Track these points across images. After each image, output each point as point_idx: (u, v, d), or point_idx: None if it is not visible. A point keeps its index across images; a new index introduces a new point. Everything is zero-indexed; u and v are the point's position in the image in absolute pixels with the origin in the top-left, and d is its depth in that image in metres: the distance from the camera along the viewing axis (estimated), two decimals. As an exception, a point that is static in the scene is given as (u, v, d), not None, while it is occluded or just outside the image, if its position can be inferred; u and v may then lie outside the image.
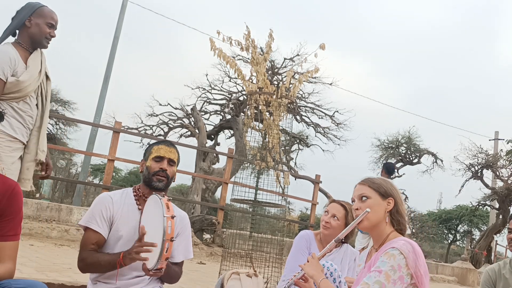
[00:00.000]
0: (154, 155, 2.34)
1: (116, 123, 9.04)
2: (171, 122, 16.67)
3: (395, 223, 2.03)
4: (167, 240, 1.98)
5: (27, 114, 2.75)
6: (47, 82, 2.89)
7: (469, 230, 27.01)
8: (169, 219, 2.01)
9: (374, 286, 1.82)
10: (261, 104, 4.33)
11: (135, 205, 2.34)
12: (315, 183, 11.55)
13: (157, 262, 2.00)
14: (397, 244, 1.88)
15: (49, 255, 4.84)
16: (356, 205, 2.04)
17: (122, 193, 2.38)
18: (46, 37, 2.79)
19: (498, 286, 3.00)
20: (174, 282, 2.43)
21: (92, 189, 16.87)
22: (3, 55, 2.65)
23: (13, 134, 2.69)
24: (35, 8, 2.77)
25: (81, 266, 2.23)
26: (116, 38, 13.32)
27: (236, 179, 4.57)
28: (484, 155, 16.32)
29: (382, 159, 20.13)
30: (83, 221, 2.28)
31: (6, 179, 1.87)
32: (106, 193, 2.36)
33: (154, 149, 2.37)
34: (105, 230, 2.27)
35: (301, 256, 2.90)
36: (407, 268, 1.83)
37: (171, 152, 2.36)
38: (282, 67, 15.92)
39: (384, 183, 2.07)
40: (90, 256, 2.20)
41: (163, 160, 2.33)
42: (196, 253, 7.60)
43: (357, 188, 2.09)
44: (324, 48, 4.42)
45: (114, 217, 2.29)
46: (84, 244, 2.26)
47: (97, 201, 2.32)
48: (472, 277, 12.08)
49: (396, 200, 2.03)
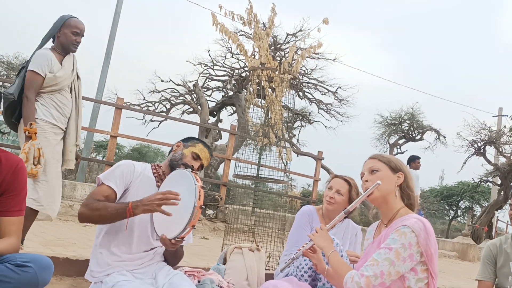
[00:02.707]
0: (195, 152, 2.42)
1: (118, 100, 9.00)
2: (173, 98, 16.58)
3: (405, 198, 2.03)
4: (197, 207, 2.00)
5: (64, 104, 3.35)
6: (78, 81, 3.48)
7: (470, 206, 27.14)
8: (200, 188, 2.05)
9: (384, 263, 1.81)
10: (264, 80, 4.30)
11: (153, 180, 2.37)
12: (317, 159, 11.56)
13: (184, 228, 1.99)
14: (409, 222, 1.86)
15: (53, 230, 4.90)
16: (366, 177, 2.04)
17: (142, 166, 2.42)
18: (72, 43, 3.38)
19: (499, 260, 3.03)
20: (176, 263, 2.47)
21: (96, 165, 16.94)
22: (43, 57, 3.27)
23: (54, 122, 3.29)
24: (64, 21, 3.36)
25: (83, 211, 2.13)
26: (117, 14, 13.15)
27: (239, 156, 4.57)
28: (487, 131, 16.25)
29: (384, 136, 20.10)
30: (102, 176, 2.27)
31: (10, 155, 1.88)
32: (129, 160, 2.41)
33: (198, 146, 2.46)
34: (120, 191, 2.27)
35: (303, 231, 2.93)
36: (417, 246, 1.82)
37: (207, 160, 2.47)
38: (285, 42, 15.74)
39: (393, 158, 2.08)
40: (96, 202, 2.14)
41: (198, 161, 2.43)
42: (200, 228, 7.68)
43: (367, 162, 2.09)
44: (327, 23, 4.36)
45: (131, 184, 2.31)
46: (94, 193, 2.21)
47: (120, 164, 2.34)
48: (473, 253, 12.19)
49: (406, 175, 2.03)
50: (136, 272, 2.27)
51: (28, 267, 1.71)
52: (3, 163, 1.84)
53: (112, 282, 2.14)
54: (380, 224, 2.11)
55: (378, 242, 1.97)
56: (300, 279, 2.56)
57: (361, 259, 2.09)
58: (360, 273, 1.83)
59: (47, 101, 3.28)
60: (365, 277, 1.81)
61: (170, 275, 2.24)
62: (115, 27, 13.08)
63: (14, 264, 1.70)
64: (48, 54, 3.31)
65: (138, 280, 2.21)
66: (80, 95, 3.50)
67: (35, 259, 1.75)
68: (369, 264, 1.84)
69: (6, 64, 18.97)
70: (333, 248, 2.04)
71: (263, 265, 3.18)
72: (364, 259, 2.04)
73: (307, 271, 2.56)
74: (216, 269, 2.92)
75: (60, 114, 3.32)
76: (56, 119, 3.30)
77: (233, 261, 3.04)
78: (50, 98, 3.29)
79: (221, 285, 2.54)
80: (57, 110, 3.31)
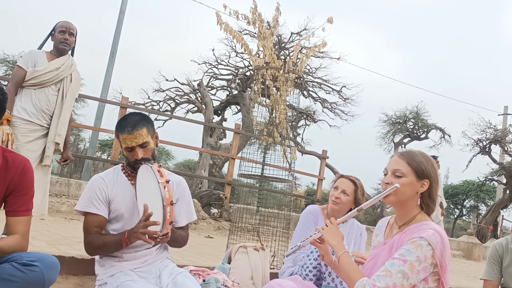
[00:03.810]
0: (124, 146, 2.24)
1: (123, 99, 9.02)
2: (177, 97, 16.60)
3: (424, 206, 1.92)
4: (167, 205, 1.98)
5: (44, 101, 3.39)
6: (70, 82, 3.53)
7: (475, 205, 27.04)
8: (164, 184, 2.01)
9: (397, 275, 1.74)
10: (268, 79, 4.30)
11: (127, 181, 2.32)
12: (322, 158, 11.54)
13: (162, 227, 2.00)
14: (426, 233, 1.78)
15: (59, 229, 4.92)
16: (388, 179, 1.91)
17: (113, 172, 2.35)
18: (61, 42, 3.48)
19: (505, 259, 3.01)
20: (182, 246, 2.43)
21: (101, 164, 16.99)
22: (29, 53, 3.45)
23: (27, 118, 3.31)
24: (54, 26, 3.55)
25: (89, 250, 2.24)
26: (122, 13, 13.19)
27: (243, 155, 4.57)
28: (492, 130, 16.18)
29: (389, 135, 20.04)
30: (80, 207, 2.25)
31: (17, 156, 1.90)
32: (97, 176, 2.33)
33: (121, 138, 2.23)
34: (105, 211, 2.25)
35: (308, 230, 2.92)
36: (432, 259, 1.76)
37: (136, 138, 2.19)
38: (289, 41, 15.72)
39: (425, 162, 1.90)
40: (96, 239, 2.20)
41: (134, 150, 2.21)
42: (204, 227, 7.69)
43: (394, 161, 1.93)
44: (332, 21, 4.35)
45: (110, 197, 2.27)
46: (87, 228, 2.25)
47: (89, 185, 2.28)
48: (478, 252, 12.15)
49: (431, 183, 1.90)
50: (140, 270, 2.27)
51: (35, 266, 1.72)
52: (10, 164, 1.85)
53: (117, 283, 2.14)
54: (393, 223, 2.02)
55: (390, 246, 1.91)
56: (305, 278, 2.56)
57: (369, 259, 2.04)
58: (372, 282, 1.77)
59: (25, 97, 3.35)
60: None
61: (174, 274, 2.23)
62: (120, 26, 13.11)
63: (21, 263, 1.72)
64: (36, 52, 3.47)
65: (142, 279, 2.21)
66: (68, 96, 3.51)
67: (41, 258, 1.76)
68: (381, 275, 1.78)
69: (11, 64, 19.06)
70: (344, 247, 1.97)
71: (268, 264, 3.18)
72: (373, 260, 1.98)
73: (312, 270, 2.57)
74: (221, 268, 2.93)
75: (36, 110, 3.35)
76: (31, 115, 3.33)
77: (237, 260, 3.05)
78: (29, 94, 3.36)
79: (226, 284, 2.55)
80: (34, 106, 3.35)
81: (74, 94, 3.61)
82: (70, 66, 3.55)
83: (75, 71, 3.59)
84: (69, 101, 3.53)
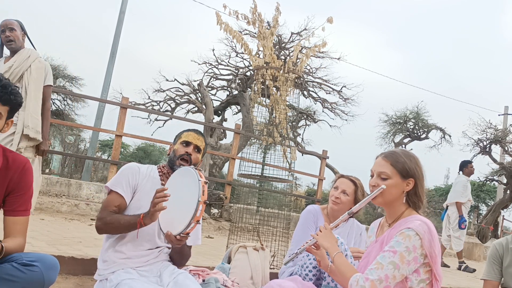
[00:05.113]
0: (183, 140, 2.44)
1: (123, 99, 9.02)
2: (178, 97, 16.59)
3: (410, 203, 1.99)
4: (201, 202, 2.00)
5: None
6: (31, 74, 3.55)
7: (476, 205, 27.03)
8: (203, 183, 2.05)
9: (388, 266, 1.80)
10: (268, 79, 4.30)
11: (159, 180, 2.42)
12: (322, 158, 11.54)
13: (189, 224, 1.99)
14: (413, 224, 1.85)
15: (59, 229, 4.92)
16: (374, 182, 1.99)
17: (148, 168, 2.47)
18: (6, 42, 3.57)
19: (505, 260, 3.01)
20: (183, 263, 2.48)
21: (101, 164, 17.00)
22: None
23: None
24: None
25: (99, 225, 2.25)
26: (122, 13, 13.19)
27: (243, 155, 4.57)
28: (493, 130, 16.16)
29: (389, 135, 20.02)
30: (109, 184, 2.35)
31: (18, 156, 1.90)
32: (134, 163, 2.46)
33: (183, 134, 2.48)
34: (129, 196, 2.34)
35: (308, 230, 2.93)
36: (421, 249, 1.81)
37: (198, 139, 2.46)
38: (289, 41, 15.71)
39: (408, 161, 1.98)
40: (110, 215, 2.25)
41: (190, 145, 2.43)
42: (204, 227, 7.68)
43: (379, 163, 2.00)
44: (332, 21, 4.35)
45: (138, 186, 2.36)
46: (106, 205, 2.30)
47: (125, 168, 2.40)
48: (478, 252, 12.14)
49: (416, 181, 1.97)
50: (141, 269, 2.29)
51: (34, 266, 1.72)
52: (11, 164, 1.85)
53: (117, 280, 2.16)
54: (383, 222, 2.10)
55: (381, 242, 1.97)
56: (305, 279, 2.56)
57: (362, 258, 2.09)
58: (365, 276, 1.83)
59: None
60: (370, 281, 1.81)
61: (175, 273, 2.25)
62: (120, 26, 13.12)
63: (21, 263, 1.72)
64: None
65: (143, 278, 2.22)
66: (30, 87, 3.54)
67: (41, 258, 1.76)
68: (373, 268, 1.84)
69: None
70: (338, 249, 2.03)
71: (268, 264, 3.18)
72: (366, 259, 2.03)
73: (312, 270, 2.57)
74: (220, 268, 2.93)
75: None
76: None
77: (237, 260, 3.04)
78: None
79: (225, 284, 2.54)
80: None
81: (38, 83, 3.60)
82: (27, 59, 3.55)
83: (35, 62, 3.59)
84: (33, 91, 3.54)
